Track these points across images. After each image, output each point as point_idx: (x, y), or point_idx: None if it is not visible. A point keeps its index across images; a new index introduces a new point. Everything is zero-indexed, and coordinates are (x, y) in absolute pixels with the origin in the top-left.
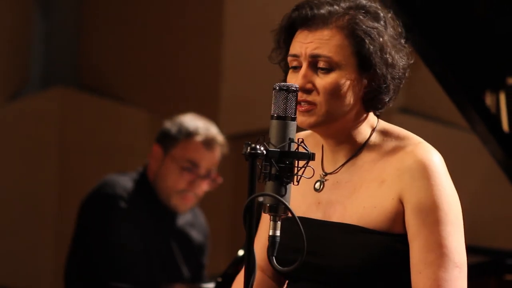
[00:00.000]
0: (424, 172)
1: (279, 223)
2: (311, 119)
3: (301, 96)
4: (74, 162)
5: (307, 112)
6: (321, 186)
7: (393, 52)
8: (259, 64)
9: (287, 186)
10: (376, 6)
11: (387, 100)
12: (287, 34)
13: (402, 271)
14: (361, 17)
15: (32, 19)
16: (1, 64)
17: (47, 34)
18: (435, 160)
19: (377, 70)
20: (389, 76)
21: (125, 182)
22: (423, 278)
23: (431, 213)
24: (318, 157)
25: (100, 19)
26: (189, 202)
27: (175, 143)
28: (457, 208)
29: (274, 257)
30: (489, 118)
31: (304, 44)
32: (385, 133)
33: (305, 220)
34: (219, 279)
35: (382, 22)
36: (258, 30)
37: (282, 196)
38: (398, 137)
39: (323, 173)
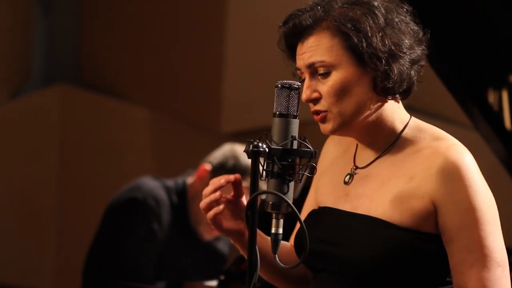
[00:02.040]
0: (457, 174)
1: (281, 220)
2: (328, 126)
3: (312, 107)
4: (74, 160)
5: (322, 120)
6: (350, 180)
7: (388, 36)
8: (262, 61)
9: (290, 184)
10: None
11: (396, 85)
12: (289, 49)
13: (421, 269)
14: (343, 11)
15: (33, 17)
16: (2, 62)
17: (48, 32)
18: (467, 161)
19: (372, 59)
20: (386, 61)
21: (157, 189)
22: (466, 278)
23: (469, 215)
24: (351, 151)
25: (101, 17)
26: (214, 234)
27: None
28: (493, 207)
29: (276, 255)
30: (491, 116)
31: (300, 56)
32: (419, 130)
33: (331, 211)
34: (222, 277)
35: (372, 8)
36: (260, 27)
37: (285, 193)
38: (432, 136)
39: (354, 167)
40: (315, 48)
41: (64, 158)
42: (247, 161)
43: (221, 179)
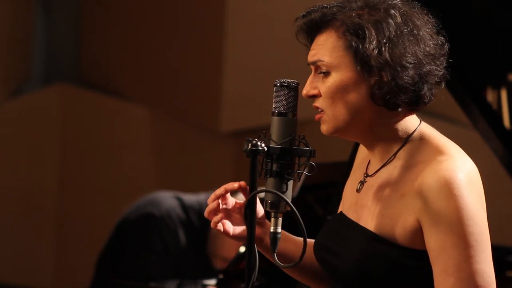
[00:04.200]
0: (443, 193)
1: (280, 219)
2: (324, 127)
3: (313, 102)
4: (75, 158)
5: (319, 120)
6: (361, 187)
7: (390, 47)
8: (261, 60)
9: (288, 183)
10: None
11: (391, 96)
12: (307, 42)
13: (410, 286)
14: (353, 15)
15: (33, 16)
16: (1, 62)
17: (48, 31)
18: (458, 179)
19: (363, 67)
20: (379, 71)
21: (175, 209)
22: None
23: (449, 236)
24: (368, 158)
25: (101, 16)
26: (226, 266)
27: None
28: (478, 229)
29: (275, 254)
30: (490, 114)
31: (310, 51)
32: (422, 141)
33: (343, 218)
34: (221, 276)
35: (386, 16)
36: (259, 26)
37: (283, 192)
38: (432, 149)
39: (365, 174)
40: (321, 47)
41: (64, 157)
42: None
43: (222, 189)
